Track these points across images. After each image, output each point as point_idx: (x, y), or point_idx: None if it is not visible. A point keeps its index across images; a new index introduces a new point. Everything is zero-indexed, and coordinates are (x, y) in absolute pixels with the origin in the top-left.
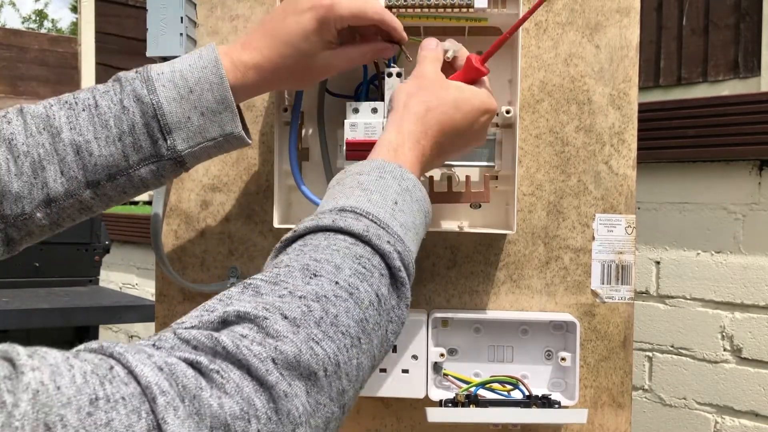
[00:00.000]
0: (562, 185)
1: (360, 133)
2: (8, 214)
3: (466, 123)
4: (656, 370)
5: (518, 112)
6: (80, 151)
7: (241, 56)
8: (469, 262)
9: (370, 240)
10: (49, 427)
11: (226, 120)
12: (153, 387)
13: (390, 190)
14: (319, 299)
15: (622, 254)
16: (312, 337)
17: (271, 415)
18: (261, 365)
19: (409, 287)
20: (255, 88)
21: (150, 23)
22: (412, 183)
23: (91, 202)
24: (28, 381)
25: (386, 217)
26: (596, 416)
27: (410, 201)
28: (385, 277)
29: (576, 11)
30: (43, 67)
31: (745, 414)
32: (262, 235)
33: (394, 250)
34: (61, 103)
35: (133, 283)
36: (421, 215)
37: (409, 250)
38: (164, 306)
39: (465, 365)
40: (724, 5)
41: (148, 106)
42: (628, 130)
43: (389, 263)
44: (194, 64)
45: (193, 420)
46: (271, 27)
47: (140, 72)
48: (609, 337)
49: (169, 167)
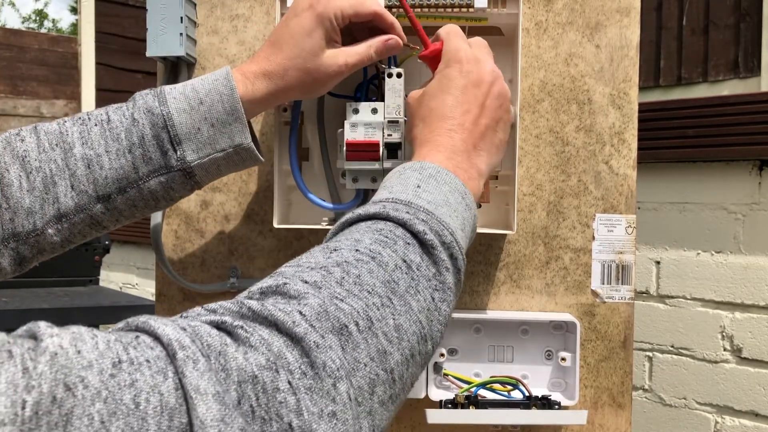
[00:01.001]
0: (562, 185)
1: (360, 134)
2: (20, 231)
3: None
4: (656, 370)
5: (518, 111)
6: (91, 164)
7: (249, 67)
8: (469, 262)
9: (388, 214)
10: (69, 387)
11: (235, 131)
12: (174, 343)
13: (411, 179)
14: (339, 264)
15: (622, 254)
16: (335, 295)
17: (306, 369)
18: (287, 318)
19: (450, 253)
20: (266, 97)
21: (150, 23)
22: (434, 170)
23: (101, 217)
24: (46, 345)
25: (407, 197)
26: (596, 416)
27: (436, 184)
28: (412, 245)
29: (576, 11)
30: (43, 67)
31: (745, 414)
32: (262, 235)
33: (415, 218)
34: (75, 119)
35: (133, 283)
36: (455, 195)
37: (440, 220)
38: (164, 306)
39: (465, 365)
40: (724, 5)
41: (158, 117)
42: (628, 130)
43: (412, 230)
44: (206, 78)
45: (217, 375)
46: (276, 36)
47: (154, 89)
48: (609, 337)
49: (178, 179)
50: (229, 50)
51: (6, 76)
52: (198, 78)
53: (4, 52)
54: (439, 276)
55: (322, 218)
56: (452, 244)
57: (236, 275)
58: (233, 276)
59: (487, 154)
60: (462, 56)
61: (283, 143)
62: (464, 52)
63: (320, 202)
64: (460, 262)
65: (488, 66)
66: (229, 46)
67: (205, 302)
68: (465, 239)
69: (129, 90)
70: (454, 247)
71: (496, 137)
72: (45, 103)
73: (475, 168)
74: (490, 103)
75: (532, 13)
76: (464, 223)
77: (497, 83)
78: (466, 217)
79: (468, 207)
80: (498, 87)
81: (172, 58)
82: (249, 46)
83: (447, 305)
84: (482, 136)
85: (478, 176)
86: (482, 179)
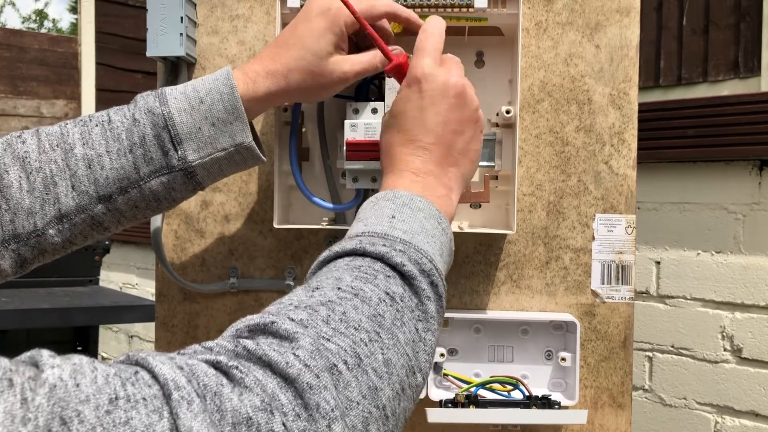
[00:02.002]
0: (562, 185)
1: (360, 134)
2: (21, 232)
3: (417, 112)
4: (656, 370)
5: (518, 112)
6: (92, 164)
7: (252, 66)
8: (469, 262)
9: (365, 250)
10: (65, 421)
11: (236, 130)
12: (169, 383)
13: (385, 210)
14: (323, 303)
15: (622, 254)
16: (322, 335)
17: (299, 411)
18: (281, 358)
19: (431, 281)
20: (267, 97)
21: (150, 23)
22: (407, 197)
23: (102, 218)
24: (46, 377)
25: (383, 229)
26: (596, 416)
27: (410, 212)
28: (393, 277)
29: (576, 11)
30: (43, 67)
31: (745, 414)
32: (262, 235)
33: (392, 250)
34: (76, 121)
35: (133, 283)
36: (430, 221)
37: (417, 248)
38: (164, 306)
39: (465, 365)
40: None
41: (159, 117)
42: (628, 130)
43: (390, 262)
44: (206, 78)
45: (211, 416)
46: (283, 38)
47: (156, 90)
48: (609, 337)
49: (180, 179)
50: (229, 50)
51: (6, 76)
52: (199, 78)
53: (4, 52)
54: (422, 306)
55: (322, 218)
56: (432, 272)
57: (236, 275)
58: (233, 276)
59: (456, 169)
60: (420, 74)
61: (284, 143)
62: (423, 69)
63: (320, 202)
64: (441, 288)
65: (452, 79)
66: (229, 46)
67: (205, 302)
68: (444, 264)
69: (129, 90)
70: (434, 274)
71: (465, 149)
72: (45, 103)
73: (444, 186)
74: (454, 116)
75: (532, 13)
76: (442, 248)
77: (462, 96)
78: (443, 242)
79: (444, 231)
80: (462, 99)
81: (172, 58)
82: (249, 46)
83: (431, 335)
84: (448, 153)
85: (448, 193)
86: (456, 194)
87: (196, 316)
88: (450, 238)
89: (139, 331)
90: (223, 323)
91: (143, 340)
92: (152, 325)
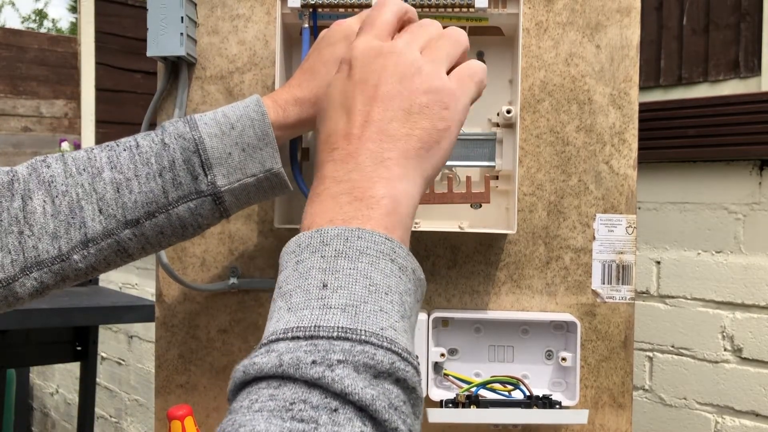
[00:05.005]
0: (562, 185)
1: None
2: (45, 258)
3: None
4: (657, 370)
5: (519, 112)
6: (120, 188)
7: (281, 94)
8: (470, 262)
9: (291, 374)
10: None
11: (266, 156)
12: None
13: (312, 274)
14: None
15: (622, 254)
16: None
17: None
18: None
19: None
20: (296, 124)
21: (150, 23)
22: (340, 239)
23: (128, 243)
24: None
25: (313, 319)
26: (597, 416)
27: (348, 263)
28: (340, 412)
29: (576, 11)
30: (43, 66)
31: (746, 414)
32: (262, 235)
33: (328, 367)
34: (102, 146)
35: (133, 283)
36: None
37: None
38: (164, 306)
39: (465, 365)
40: (725, 5)
41: (189, 142)
42: (628, 130)
43: (332, 390)
44: (236, 105)
45: None
46: (308, 64)
47: (185, 117)
48: (610, 337)
49: (207, 205)
50: (229, 50)
51: (6, 76)
52: (228, 105)
53: (4, 52)
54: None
55: None
56: (394, 366)
57: (236, 275)
58: (233, 276)
59: (401, 170)
60: (353, 54)
61: (284, 143)
62: (360, 47)
63: None
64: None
65: (408, 56)
66: (229, 46)
67: (205, 302)
68: (410, 327)
69: (129, 90)
70: (399, 369)
71: (411, 142)
72: (45, 103)
73: (391, 199)
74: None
75: (532, 13)
76: (403, 306)
77: (418, 77)
78: (405, 290)
79: (402, 269)
80: (419, 80)
81: (173, 58)
82: (249, 46)
83: None
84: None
85: (395, 206)
86: (411, 177)
87: (196, 316)
88: (413, 269)
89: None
90: (223, 323)
91: (143, 340)
92: (152, 325)
